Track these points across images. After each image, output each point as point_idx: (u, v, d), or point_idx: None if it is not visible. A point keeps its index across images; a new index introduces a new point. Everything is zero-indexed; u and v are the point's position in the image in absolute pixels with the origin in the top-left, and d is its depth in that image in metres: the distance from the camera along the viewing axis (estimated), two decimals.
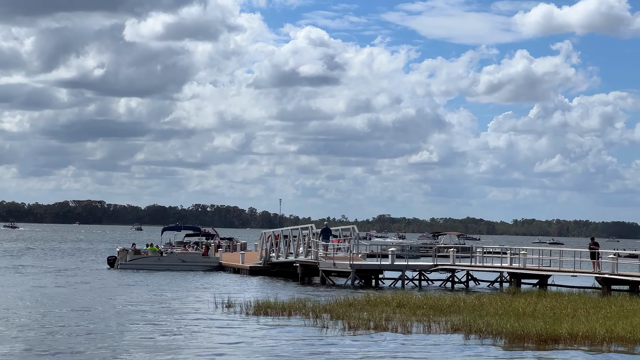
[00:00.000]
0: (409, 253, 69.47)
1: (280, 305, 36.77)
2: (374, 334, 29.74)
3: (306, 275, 59.08)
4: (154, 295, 44.91)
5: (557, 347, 27.11)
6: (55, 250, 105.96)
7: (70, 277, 58.63)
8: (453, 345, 27.58)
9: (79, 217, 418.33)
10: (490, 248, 67.33)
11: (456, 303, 37.64)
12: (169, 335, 28.99)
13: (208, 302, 40.40)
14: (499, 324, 29.84)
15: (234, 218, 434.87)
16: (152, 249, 70.59)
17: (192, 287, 51.21)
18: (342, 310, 34.77)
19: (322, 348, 26.58)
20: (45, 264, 73.83)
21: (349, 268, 54.45)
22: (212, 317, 34.75)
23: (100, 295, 44.67)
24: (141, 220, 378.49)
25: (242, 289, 50.99)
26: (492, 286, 55.85)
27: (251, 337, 29.14)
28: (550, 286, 52.00)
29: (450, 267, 56.58)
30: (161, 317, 34.80)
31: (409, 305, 37.24)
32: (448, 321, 32.04)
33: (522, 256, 54.37)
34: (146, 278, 57.89)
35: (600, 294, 46.17)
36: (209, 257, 69.78)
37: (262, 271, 63.36)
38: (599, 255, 49.56)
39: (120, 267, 67.41)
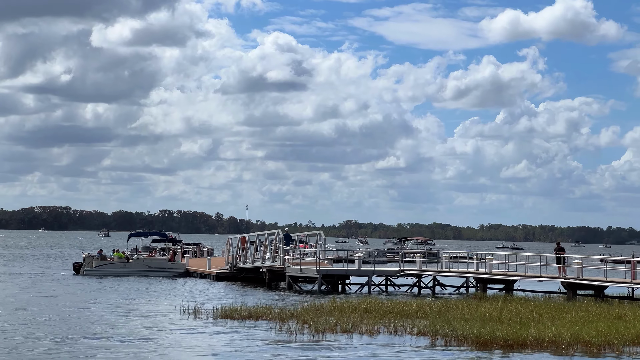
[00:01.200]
0: (375, 258, 69.44)
1: (246, 310, 36.70)
2: (341, 339, 29.71)
3: (273, 281, 59.00)
4: (119, 301, 44.66)
5: (523, 352, 27.20)
6: (20, 257, 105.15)
7: (35, 283, 58.16)
8: (419, 350, 27.60)
9: (44, 223, 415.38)
10: (456, 253, 67.44)
11: (423, 308, 37.69)
12: (134, 342, 28.80)
13: (174, 308, 40.20)
14: (465, 329, 29.90)
15: (201, 224, 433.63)
16: (118, 255, 70.22)
17: (159, 293, 50.99)
18: (308, 316, 34.71)
19: (289, 353, 26.51)
20: (9, 270, 73.23)
21: (315, 274, 54.41)
22: (179, 323, 34.60)
23: (65, 301, 44.37)
24: (107, 226, 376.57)
25: (208, 294, 50.83)
26: (458, 291, 55.98)
27: (218, 343, 29.04)
28: (517, 291, 52.19)
29: (416, 272, 56.65)
30: (126, 323, 34.58)
31: (375, 311, 37.24)
32: (415, 326, 32.07)
33: (488, 261, 54.54)
34: (112, 284, 57.56)
35: (565, 299, 46.40)
36: (175, 263, 69.59)
37: (229, 277, 63.25)
38: (565, 261, 49.78)
39: (86, 274, 67.00)
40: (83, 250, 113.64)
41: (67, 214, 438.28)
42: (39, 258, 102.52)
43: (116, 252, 72.47)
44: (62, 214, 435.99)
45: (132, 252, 77.98)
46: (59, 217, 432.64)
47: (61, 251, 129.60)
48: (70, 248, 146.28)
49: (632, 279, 45.79)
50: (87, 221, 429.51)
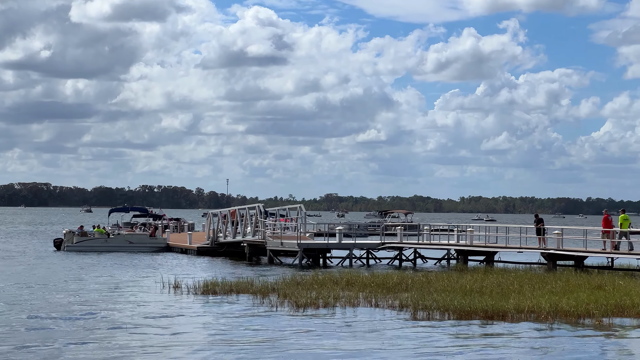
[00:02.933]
0: (356, 232, 69.55)
1: (228, 285, 36.72)
2: (322, 313, 29.77)
3: (254, 255, 59.04)
4: (99, 277, 44.60)
5: (503, 322, 27.34)
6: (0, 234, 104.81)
7: (15, 260, 57.98)
8: (401, 322, 27.70)
9: (24, 199, 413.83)
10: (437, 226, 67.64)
11: (404, 281, 37.79)
12: (115, 317, 28.78)
13: (155, 282, 40.21)
14: (446, 301, 30.01)
15: (182, 199, 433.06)
16: (99, 231, 70.09)
17: (139, 268, 50.95)
18: (290, 290, 34.75)
19: (270, 327, 26.54)
20: None
21: (296, 247, 54.45)
22: (160, 298, 34.59)
23: (45, 278, 44.28)
24: (88, 201, 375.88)
25: (189, 269, 50.84)
26: (439, 263, 56.13)
27: (199, 317, 29.05)
28: (497, 262, 52.39)
29: (397, 245, 56.76)
30: (107, 298, 34.55)
31: (357, 284, 37.32)
32: (396, 299, 32.17)
33: (469, 233, 54.70)
34: (93, 260, 57.48)
35: (545, 270, 46.63)
36: (156, 238, 69.54)
37: (210, 251, 63.25)
38: (545, 232, 50.00)
39: (67, 250, 66.87)
40: (64, 226, 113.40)
41: (47, 190, 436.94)
42: (19, 234, 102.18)
43: (97, 228, 72.36)
44: (42, 190, 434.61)
45: (113, 228, 77.83)
46: (39, 194, 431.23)
47: (42, 227, 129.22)
48: (51, 224, 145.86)
49: (612, 249, 46.01)
50: (67, 197, 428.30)
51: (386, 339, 24.47)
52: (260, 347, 23.07)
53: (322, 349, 22.97)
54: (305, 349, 22.88)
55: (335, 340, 24.26)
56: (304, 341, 24.01)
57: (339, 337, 24.81)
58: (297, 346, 23.26)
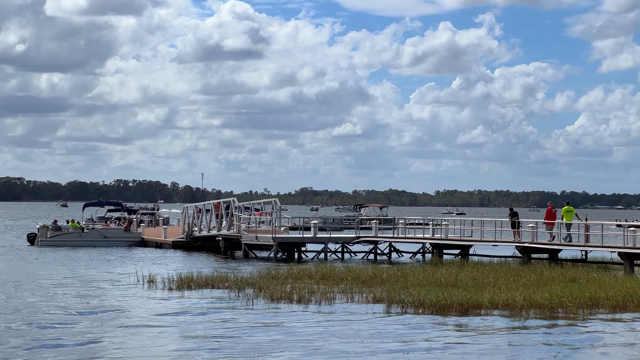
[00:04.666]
0: (331, 225, 69.53)
1: (203, 279, 36.62)
2: (297, 307, 29.73)
3: (229, 249, 58.93)
4: (73, 272, 44.38)
5: (478, 316, 27.38)
6: None
7: None
8: (375, 316, 27.68)
9: None
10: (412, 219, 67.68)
11: (379, 275, 37.80)
12: (89, 313, 28.62)
13: (129, 277, 40.04)
14: (421, 295, 30.01)
15: (156, 193, 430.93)
16: (73, 225, 69.78)
17: (114, 263, 50.74)
18: (265, 283, 34.70)
19: (245, 321, 26.46)
20: None
21: (271, 241, 54.37)
22: (134, 293, 34.44)
23: (18, 273, 44.02)
24: (62, 196, 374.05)
25: (164, 263, 50.69)
26: (414, 257, 56.18)
27: (173, 311, 28.92)
28: (472, 256, 52.49)
29: (372, 239, 56.78)
30: (81, 294, 34.33)
31: (332, 278, 37.32)
32: (371, 293, 32.16)
33: (444, 227, 54.79)
34: (66, 254, 57.20)
35: (520, 263, 46.76)
36: (131, 233, 69.29)
37: (185, 246, 63.11)
38: (519, 225, 50.14)
39: (41, 244, 66.50)
40: (37, 220, 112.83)
41: (20, 185, 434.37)
42: None
43: (71, 222, 72.04)
44: (15, 184, 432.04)
45: (87, 222, 77.55)
46: (13, 188, 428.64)
47: (18, 222, 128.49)
48: (27, 219, 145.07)
49: (586, 242, 46.21)
50: (41, 192, 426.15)
51: (360, 333, 24.42)
52: (234, 342, 22.98)
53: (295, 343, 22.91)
54: (279, 344, 22.81)
55: (309, 334, 24.20)
56: (278, 336, 23.95)
57: (312, 331, 24.75)
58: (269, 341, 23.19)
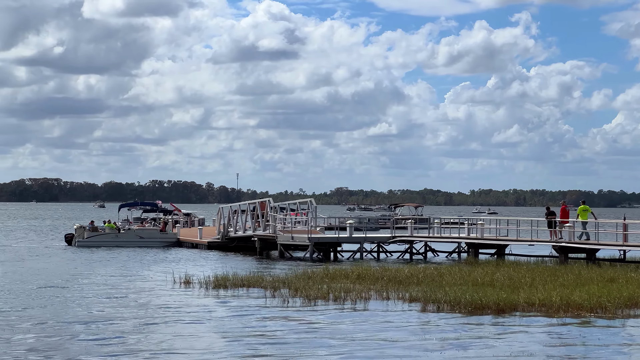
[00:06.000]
0: (367, 225, 69.44)
1: (238, 279, 36.66)
2: (333, 306, 29.70)
3: (264, 250, 58.96)
4: (110, 272, 44.57)
5: (514, 316, 27.22)
6: (12, 229, 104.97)
7: (26, 255, 57.98)
8: (412, 316, 27.60)
9: (35, 195, 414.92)
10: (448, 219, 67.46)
11: (415, 274, 37.69)
12: (126, 313, 28.74)
13: (166, 278, 40.17)
14: (457, 294, 29.90)
15: (192, 193, 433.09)
16: (109, 226, 70.13)
17: (150, 263, 50.93)
18: (300, 284, 34.69)
19: (281, 321, 26.47)
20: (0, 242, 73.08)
21: (307, 241, 54.39)
22: (170, 293, 34.54)
23: (56, 273, 44.27)
24: (98, 197, 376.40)
25: (200, 264, 50.80)
26: (450, 257, 56.02)
27: (209, 312, 28.97)
28: (508, 256, 52.22)
29: (408, 238, 56.65)
30: (118, 294, 34.50)
31: (367, 277, 37.25)
32: (407, 292, 32.07)
33: (479, 226, 54.56)
34: (103, 255, 57.49)
35: (557, 263, 46.46)
36: (166, 233, 69.49)
37: (220, 246, 63.21)
38: (556, 224, 49.81)
39: (78, 245, 66.88)
40: (75, 221, 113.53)
41: (57, 186, 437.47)
42: (30, 230, 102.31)
43: (108, 223, 72.39)
44: (52, 185, 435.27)
45: (123, 223, 77.86)
46: (50, 189, 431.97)
47: (55, 222, 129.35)
48: (63, 219, 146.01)
49: (624, 242, 45.85)
50: (77, 192, 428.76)
51: (396, 332, 24.36)
52: (270, 342, 22.99)
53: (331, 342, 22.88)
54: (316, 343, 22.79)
55: (344, 334, 24.17)
56: (315, 335, 23.93)
57: (348, 331, 24.71)
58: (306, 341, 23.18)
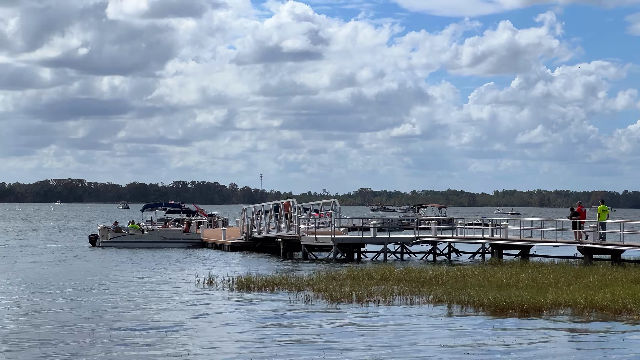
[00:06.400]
0: (390, 226, 69.37)
1: (262, 280, 36.68)
2: (357, 307, 29.68)
3: (288, 250, 59.00)
4: (134, 273, 44.71)
5: (539, 317, 27.11)
6: (36, 230, 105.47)
7: (51, 256, 58.21)
8: (436, 316, 27.55)
9: (59, 195, 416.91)
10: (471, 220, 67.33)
11: (438, 275, 37.63)
12: (150, 314, 28.82)
13: (189, 278, 40.24)
14: (481, 295, 29.82)
15: (215, 194, 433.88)
16: (133, 227, 70.35)
17: (174, 264, 51.05)
18: (324, 284, 34.68)
19: (305, 321, 26.47)
20: (26, 243, 73.44)
21: (330, 242, 54.38)
22: (194, 294, 34.58)
23: (80, 273, 44.43)
24: (122, 197, 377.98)
25: (224, 265, 50.87)
26: (474, 258, 55.89)
27: (233, 313, 29.00)
28: (533, 256, 52.04)
29: (432, 239, 56.57)
30: (142, 294, 34.60)
31: (391, 278, 37.22)
32: (431, 293, 32.02)
33: (503, 227, 54.39)
34: (127, 256, 57.68)
35: (582, 264, 46.25)
36: (190, 234, 69.61)
37: (244, 247, 63.28)
38: (580, 225, 49.56)
39: (102, 245, 67.16)
40: (98, 222, 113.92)
41: (81, 187, 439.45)
42: (54, 231, 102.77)
43: (131, 223, 72.62)
44: (76, 186, 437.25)
45: (147, 224, 78.09)
46: (74, 190, 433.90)
47: (77, 223, 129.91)
48: (86, 220, 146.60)
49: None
50: (101, 193, 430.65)
51: (420, 333, 24.31)
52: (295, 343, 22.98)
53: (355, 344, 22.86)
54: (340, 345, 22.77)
55: (369, 335, 24.15)
56: (339, 337, 23.91)
57: (372, 331, 24.69)
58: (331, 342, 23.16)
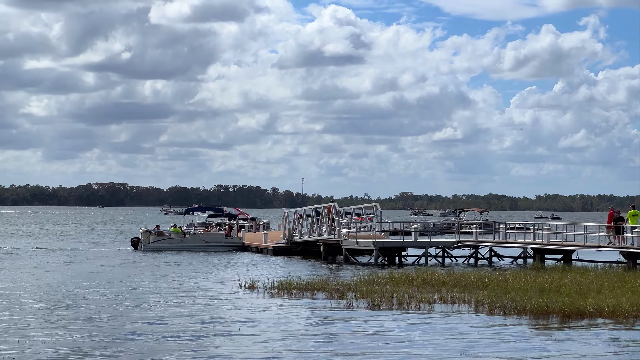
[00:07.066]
0: (431, 230, 69.19)
1: (303, 284, 36.74)
2: (398, 311, 29.66)
3: (329, 254, 59.02)
4: (175, 276, 44.93)
5: (581, 322, 26.94)
6: (80, 233, 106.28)
7: (93, 259, 58.68)
8: (478, 321, 27.46)
9: (102, 199, 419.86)
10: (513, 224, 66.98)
11: (480, 279, 37.51)
12: (192, 317, 28.95)
13: (231, 282, 40.38)
14: (523, 300, 29.68)
15: (257, 198, 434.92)
16: (175, 230, 70.67)
17: (215, 268, 51.23)
18: (365, 288, 34.68)
19: (346, 325, 26.48)
20: (68, 246, 74.00)
21: (372, 246, 54.35)
22: (236, 297, 34.71)
23: (122, 276, 44.70)
24: (163, 201, 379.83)
25: (265, 268, 50.97)
26: (515, 262, 55.63)
27: (275, 316, 29.07)
28: (575, 261, 51.73)
29: (473, 243, 56.38)
30: (184, 298, 34.78)
31: (432, 282, 37.15)
32: (472, 297, 31.93)
33: (545, 231, 54.08)
34: (169, 259, 57.97)
35: (625, 269, 45.88)
36: (231, 238, 69.80)
37: (285, 251, 63.36)
38: (624, 230, 49.18)
39: (144, 249, 67.53)
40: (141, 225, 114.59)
41: (124, 190, 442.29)
42: (97, 234, 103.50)
43: (173, 227, 72.96)
44: (119, 190, 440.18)
45: (189, 227, 78.42)
46: (116, 194, 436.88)
47: (122, 226, 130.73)
48: (128, 224, 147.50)
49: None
50: (143, 197, 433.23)
51: (462, 337, 24.25)
52: (335, 346, 23.00)
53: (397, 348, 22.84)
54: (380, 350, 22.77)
55: (410, 339, 24.12)
56: (379, 341, 23.91)
57: (414, 335, 24.66)
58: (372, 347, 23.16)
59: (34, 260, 56.62)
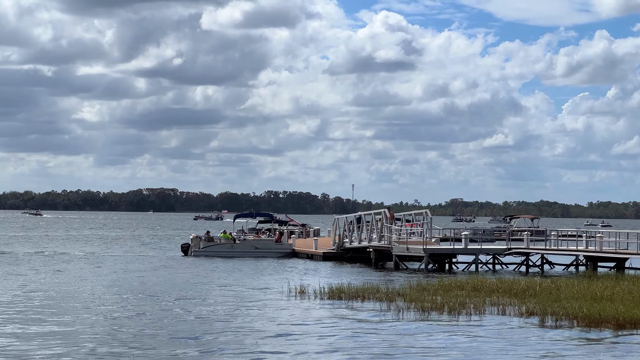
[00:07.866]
0: (482, 237, 68.87)
1: (354, 290, 36.70)
2: (447, 318, 29.54)
3: (380, 261, 58.93)
4: (226, 282, 45.09)
5: (636, 332, 26.64)
6: (130, 239, 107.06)
7: (144, 264, 59.07)
8: (529, 329, 27.27)
9: (152, 205, 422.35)
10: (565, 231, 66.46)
11: (531, 287, 37.22)
12: (240, 322, 29.04)
13: (282, 288, 40.44)
14: (575, 308, 29.42)
15: (307, 204, 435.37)
16: (225, 236, 70.90)
17: (266, 274, 51.32)
18: (415, 295, 34.58)
19: (396, 332, 26.42)
20: (119, 252, 74.57)
21: (422, 252, 54.21)
22: (286, 303, 34.77)
23: (172, 282, 44.96)
24: (213, 207, 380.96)
25: (315, 274, 51.00)
26: (567, 270, 55.18)
27: (325, 322, 29.07)
28: (629, 269, 51.18)
29: (524, 250, 56.01)
30: (235, 303, 34.88)
31: (483, 289, 36.96)
32: (523, 305, 31.71)
33: (598, 239, 53.58)
34: (219, 265, 58.18)
35: None
36: (282, 244, 69.84)
37: (336, 257, 63.35)
38: None
39: (194, 255, 67.80)
40: (191, 231, 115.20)
41: (174, 196, 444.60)
42: (148, 239, 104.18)
43: (223, 233, 73.20)
44: (169, 195, 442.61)
45: (239, 233, 78.65)
46: (167, 199, 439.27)
47: (170, 232, 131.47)
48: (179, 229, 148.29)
49: None
50: (193, 203, 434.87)
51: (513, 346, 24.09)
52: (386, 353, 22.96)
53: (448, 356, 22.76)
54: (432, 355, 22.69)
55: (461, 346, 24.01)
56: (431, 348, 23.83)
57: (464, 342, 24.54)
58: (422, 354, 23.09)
59: (87, 268, 57.15)
